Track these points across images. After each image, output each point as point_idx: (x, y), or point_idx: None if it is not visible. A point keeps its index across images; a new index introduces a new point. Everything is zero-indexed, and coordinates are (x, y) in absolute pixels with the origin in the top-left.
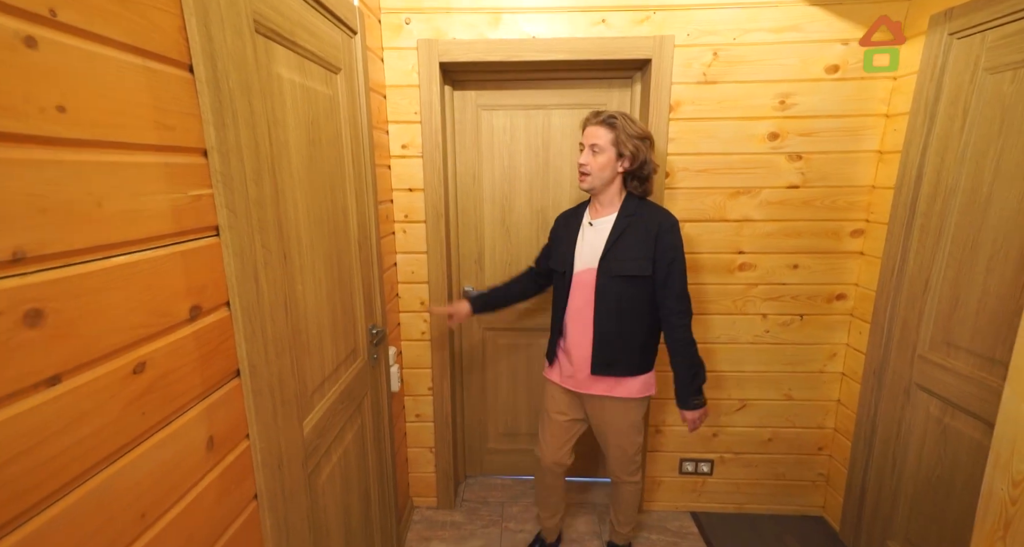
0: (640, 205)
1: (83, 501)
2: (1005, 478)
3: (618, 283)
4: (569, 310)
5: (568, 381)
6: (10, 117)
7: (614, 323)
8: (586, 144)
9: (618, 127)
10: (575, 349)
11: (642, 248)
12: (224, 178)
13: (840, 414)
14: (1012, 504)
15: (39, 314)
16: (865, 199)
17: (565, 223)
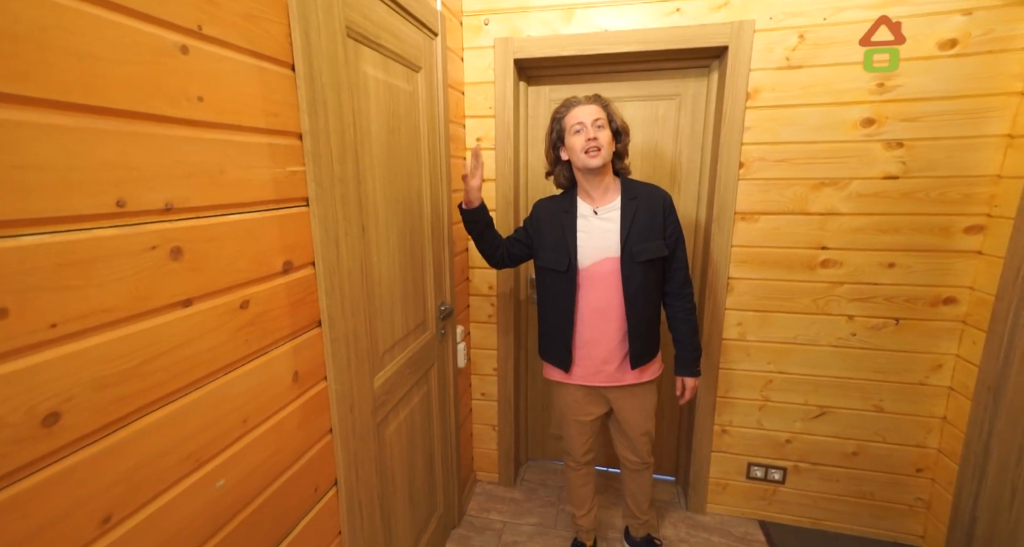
0: (633, 185)
1: (205, 398)
2: None
3: (640, 269)
4: (582, 306)
5: (595, 378)
6: (170, 105)
7: (641, 310)
8: (587, 121)
9: (606, 104)
10: (598, 345)
11: (655, 229)
12: (314, 158)
13: (946, 433)
14: None
15: (180, 251)
16: (987, 190)
17: (554, 216)
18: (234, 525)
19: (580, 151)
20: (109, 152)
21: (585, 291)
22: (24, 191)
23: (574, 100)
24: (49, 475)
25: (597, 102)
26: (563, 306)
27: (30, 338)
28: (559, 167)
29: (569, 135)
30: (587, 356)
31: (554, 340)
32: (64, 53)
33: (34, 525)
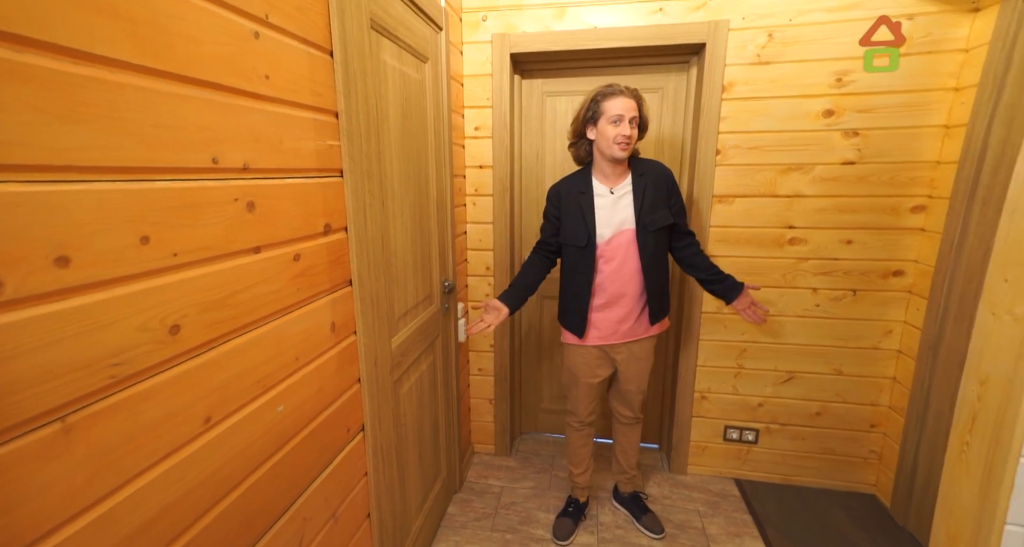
0: (640, 163)
1: (270, 333)
2: (974, 380)
3: (652, 237)
4: (602, 275)
5: (612, 337)
6: (246, 80)
7: (655, 272)
8: (626, 116)
9: (641, 101)
10: (617, 306)
11: (662, 201)
12: (348, 134)
13: (895, 391)
14: (978, 400)
15: (253, 205)
16: (929, 174)
17: (569, 197)
18: (289, 448)
19: (612, 142)
20: (206, 117)
21: (605, 262)
22: (158, 144)
23: (617, 88)
24: (174, 375)
25: (635, 97)
26: (582, 278)
27: (162, 262)
28: (582, 141)
29: (605, 122)
30: (605, 318)
31: (571, 308)
32: (180, 36)
33: (164, 413)
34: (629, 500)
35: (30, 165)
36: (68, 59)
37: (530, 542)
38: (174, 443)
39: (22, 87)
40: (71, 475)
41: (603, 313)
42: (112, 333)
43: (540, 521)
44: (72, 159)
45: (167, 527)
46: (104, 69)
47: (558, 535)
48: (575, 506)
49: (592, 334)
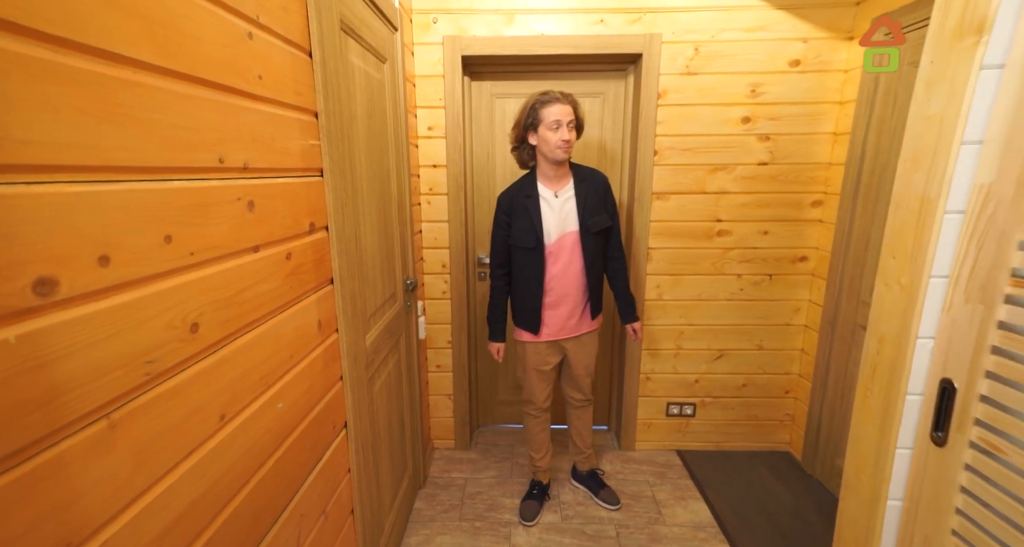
0: (580, 169)
1: (270, 330)
2: (874, 339)
3: (593, 238)
4: (550, 274)
5: (560, 333)
6: (243, 80)
7: (595, 272)
8: (564, 121)
9: (576, 105)
10: (563, 305)
11: (601, 205)
12: (327, 133)
13: (803, 361)
14: (877, 355)
15: (253, 204)
16: (823, 174)
17: (517, 202)
18: (287, 444)
19: (554, 146)
20: (213, 117)
21: (552, 262)
22: (175, 144)
23: (553, 96)
24: (194, 372)
25: (570, 102)
26: (532, 279)
27: (182, 261)
28: (524, 146)
29: (545, 128)
30: (554, 315)
31: (525, 308)
32: (190, 36)
33: (188, 409)
34: (587, 477)
35: (77, 166)
36: (102, 60)
37: (498, 527)
38: (196, 440)
39: (68, 89)
40: (117, 471)
41: (553, 311)
42: (145, 331)
43: (506, 506)
44: (108, 159)
45: (195, 521)
46: (129, 70)
47: (525, 517)
48: (539, 488)
49: (544, 331)
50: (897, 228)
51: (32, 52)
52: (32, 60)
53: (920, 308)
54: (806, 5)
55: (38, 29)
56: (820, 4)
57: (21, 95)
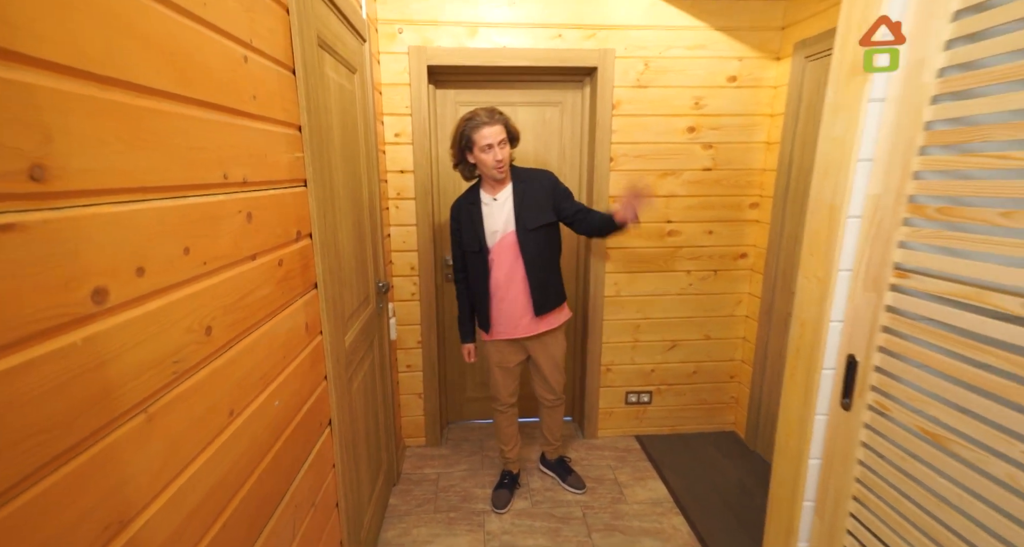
0: (520, 172)
1: (267, 332)
2: (797, 324)
3: (535, 235)
4: (495, 276)
5: (514, 332)
6: (241, 101)
7: (540, 268)
8: (495, 142)
9: (505, 121)
10: (512, 304)
11: (544, 201)
12: (310, 146)
13: (745, 348)
14: (800, 337)
15: (251, 216)
16: (759, 179)
17: (463, 209)
18: (283, 440)
19: (491, 167)
20: (219, 137)
21: (497, 265)
22: (189, 164)
23: (480, 118)
24: (209, 371)
25: (499, 121)
26: (481, 280)
27: (198, 270)
28: (464, 164)
29: (479, 150)
30: (504, 314)
31: (478, 309)
32: (200, 65)
33: (205, 406)
34: (555, 464)
35: (120, 188)
36: (136, 93)
37: (472, 516)
38: (212, 432)
39: (113, 121)
40: (154, 459)
41: (501, 310)
42: (172, 334)
43: (479, 497)
44: (141, 181)
45: (214, 505)
46: (155, 100)
47: (497, 505)
48: (509, 478)
49: (496, 330)
50: (813, 230)
51: (86, 91)
52: (86, 98)
53: (832, 297)
54: (740, 28)
55: (89, 71)
56: (751, 27)
57: (80, 129)
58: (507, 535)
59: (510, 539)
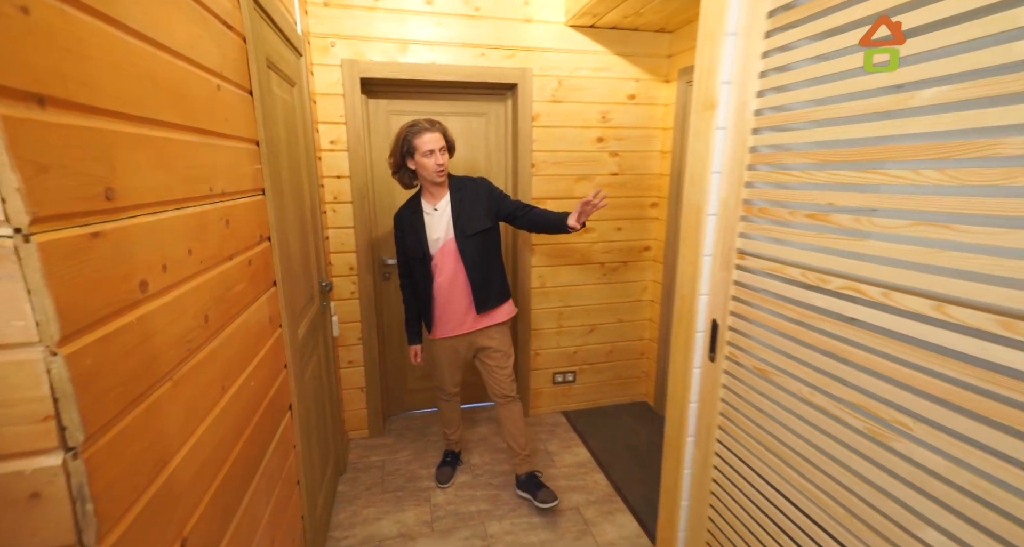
0: (457, 181)
1: (243, 323)
2: (679, 298)
3: (474, 240)
4: (438, 281)
5: (458, 329)
6: (217, 124)
7: (480, 269)
8: (435, 148)
9: (444, 130)
10: (455, 304)
11: (481, 208)
12: (266, 158)
13: (651, 328)
14: (680, 309)
15: (228, 222)
16: (658, 182)
17: (407, 219)
18: (257, 416)
19: (431, 171)
20: (206, 156)
21: (440, 270)
22: (187, 180)
23: (423, 126)
24: (208, 351)
25: (439, 129)
26: (425, 284)
27: (198, 268)
28: (404, 170)
29: (420, 155)
30: (449, 315)
31: (424, 310)
32: (189, 96)
33: (207, 378)
34: (526, 481)
35: (150, 202)
36: (154, 126)
37: (419, 492)
38: (212, 402)
39: (143, 151)
40: (178, 416)
41: (446, 311)
42: (184, 319)
43: (424, 476)
44: (161, 196)
45: (219, 458)
46: (165, 130)
47: (440, 480)
48: (452, 456)
49: (440, 329)
50: (688, 225)
51: (129, 129)
52: (129, 135)
53: (700, 276)
54: (636, 54)
55: (130, 113)
56: (645, 54)
57: (129, 159)
58: (451, 505)
59: (454, 508)
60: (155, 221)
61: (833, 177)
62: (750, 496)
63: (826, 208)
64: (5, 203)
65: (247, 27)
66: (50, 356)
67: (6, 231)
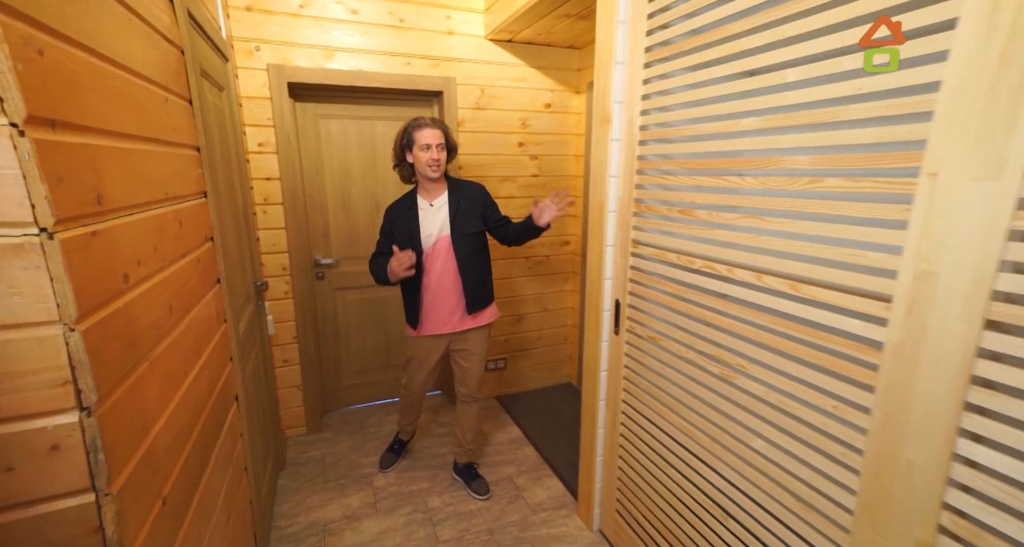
0: (456, 183)
1: (197, 315)
2: (589, 282)
3: (468, 240)
4: (428, 276)
5: (442, 328)
6: (168, 133)
7: (471, 270)
8: (433, 144)
9: (446, 129)
10: (443, 302)
11: (476, 210)
12: (207, 163)
13: (572, 315)
14: (591, 291)
15: (181, 223)
16: (573, 183)
17: (399, 212)
18: (212, 402)
19: (426, 165)
20: (160, 163)
21: (430, 265)
22: (150, 186)
23: (424, 122)
24: (173, 338)
25: (440, 127)
26: (414, 279)
27: (162, 263)
28: (403, 163)
29: (418, 149)
30: (434, 313)
31: (410, 306)
32: (146, 109)
33: (175, 359)
34: (463, 470)
35: (126, 205)
36: (123, 139)
37: (361, 478)
38: (179, 382)
39: (120, 162)
40: (155, 392)
41: (432, 308)
42: (155, 308)
43: (365, 464)
44: (131, 200)
45: (186, 431)
46: (131, 142)
47: (383, 465)
48: (399, 444)
49: (426, 326)
50: (593, 221)
51: (108, 143)
52: (108, 148)
53: (605, 262)
54: (550, 67)
55: (108, 129)
56: (557, 68)
57: (110, 168)
58: (393, 486)
59: (396, 489)
60: (130, 222)
61: (695, 181)
62: (646, 440)
63: (691, 205)
64: (35, 208)
65: (184, 40)
66: (69, 332)
67: (34, 230)
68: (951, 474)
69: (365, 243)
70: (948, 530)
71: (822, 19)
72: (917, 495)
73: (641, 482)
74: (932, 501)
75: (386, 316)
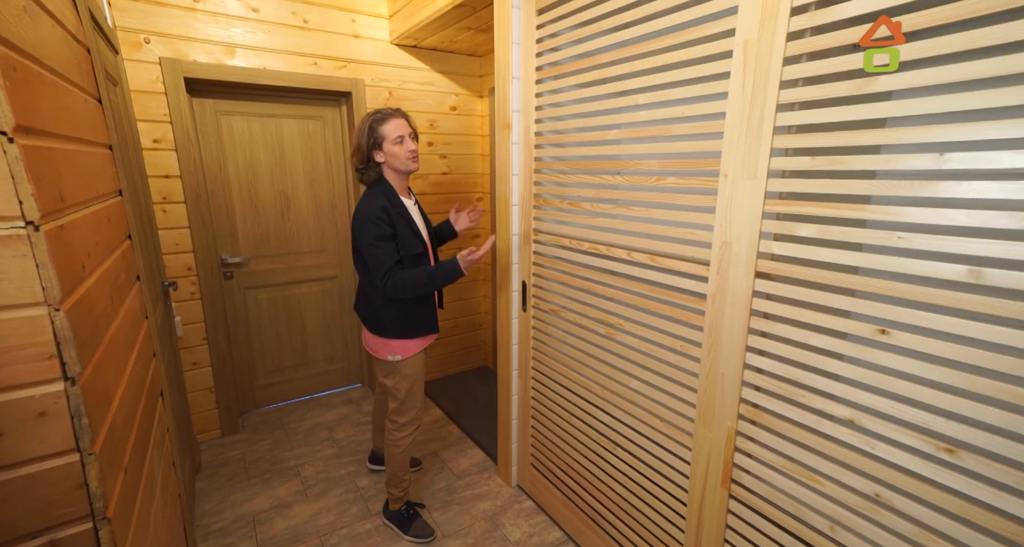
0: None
1: (128, 305)
2: (500, 267)
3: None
4: None
5: (435, 330)
6: (91, 135)
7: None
8: (405, 133)
9: (409, 118)
10: (431, 304)
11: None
12: (120, 161)
13: (485, 303)
14: (502, 276)
15: (109, 219)
16: (481, 180)
17: (393, 213)
18: (145, 394)
19: (405, 158)
20: (91, 162)
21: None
22: (89, 183)
23: (388, 112)
24: (116, 326)
25: (403, 115)
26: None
27: (104, 256)
28: (370, 165)
29: (390, 143)
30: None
31: (422, 315)
32: (79, 114)
33: (119, 350)
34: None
35: (78, 201)
36: (67, 142)
37: (287, 470)
38: (123, 367)
39: (73, 163)
40: (111, 373)
41: (432, 312)
42: (103, 296)
43: (289, 457)
44: (79, 197)
45: (130, 418)
46: (72, 144)
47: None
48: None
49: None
50: (500, 213)
51: (59, 146)
52: (60, 150)
53: (512, 249)
54: (454, 72)
55: (59, 133)
56: (461, 73)
57: (63, 168)
58: (322, 474)
59: (325, 475)
60: (81, 217)
61: (582, 179)
62: (553, 399)
63: (579, 198)
64: (23, 204)
65: (90, 39)
66: (54, 311)
67: (21, 224)
68: (745, 378)
69: (276, 241)
70: (744, 416)
71: (660, 59)
72: (727, 397)
73: (551, 435)
74: (735, 399)
75: (301, 313)
